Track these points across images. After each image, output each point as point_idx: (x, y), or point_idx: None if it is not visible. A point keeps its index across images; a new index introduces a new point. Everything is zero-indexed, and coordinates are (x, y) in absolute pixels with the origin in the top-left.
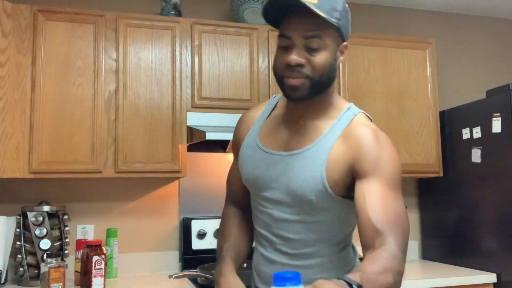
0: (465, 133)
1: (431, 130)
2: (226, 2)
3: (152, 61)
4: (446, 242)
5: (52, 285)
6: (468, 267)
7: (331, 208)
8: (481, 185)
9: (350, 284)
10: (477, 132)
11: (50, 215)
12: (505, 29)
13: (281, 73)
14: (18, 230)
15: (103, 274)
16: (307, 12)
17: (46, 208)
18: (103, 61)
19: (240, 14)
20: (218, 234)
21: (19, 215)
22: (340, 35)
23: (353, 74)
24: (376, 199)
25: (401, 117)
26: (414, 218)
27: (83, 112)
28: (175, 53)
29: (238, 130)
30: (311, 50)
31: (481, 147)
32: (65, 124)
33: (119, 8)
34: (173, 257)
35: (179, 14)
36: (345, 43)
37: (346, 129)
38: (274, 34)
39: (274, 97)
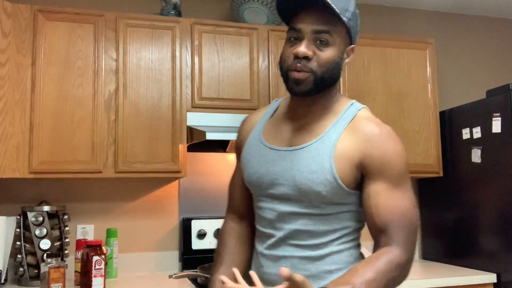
0: (465, 133)
1: (431, 130)
2: (226, 2)
3: (152, 61)
4: (446, 242)
5: (52, 285)
6: (468, 267)
7: (342, 200)
8: (481, 185)
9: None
10: (477, 132)
11: (50, 215)
12: (505, 29)
13: (287, 65)
14: (18, 230)
15: (103, 274)
16: (320, 7)
17: (46, 208)
18: (103, 61)
19: (240, 14)
20: (215, 250)
21: (19, 215)
22: (349, 36)
23: (353, 74)
24: (382, 200)
25: (401, 117)
26: None
27: (83, 112)
28: (175, 53)
29: (239, 134)
30: (319, 45)
31: (481, 147)
32: (65, 124)
33: (119, 8)
34: (173, 257)
35: (179, 14)
36: (352, 45)
37: (351, 123)
38: (274, 34)
39: (276, 100)
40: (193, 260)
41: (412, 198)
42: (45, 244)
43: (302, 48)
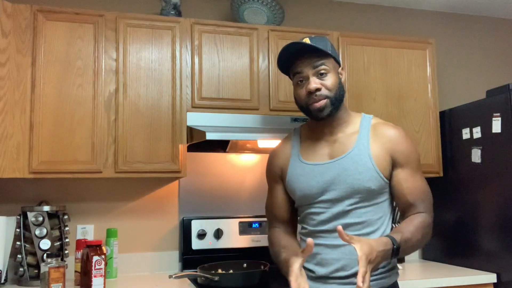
0: (465, 133)
1: (431, 130)
2: (226, 2)
3: (152, 61)
4: (446, 242)
5: (52, 285)
6: (468, 267)
7: (384, 191)
8: (481, 185)
9: (393, 240)
10: (477, 132)
11: (50, 215)
12: (505, 29)
13: (305, 102)
14: (18, 230)
15: (103, 274)
16: (309, 51)
17: (46, 208)
18: (103, 61)
19: (240, 14)
20: (272, 253)
21: (19, 215)
22: (336, 62)
23: (353, 74)
24: (409, 182)
25: (401, 117)
26: None
27: (83, 112)
28: (175, 53)
29: (273, 164)
30: (321, 76)
31: (481, 147)
32: (65, 124)
33: (119, 8)
34: (173, 257)
35: (179, 14)
36: (341, 67)
37: (372, 130)
38: (274, 34)
39: (294, 129)
40: (193, 260)
41: (425, 179)
42: (45, 244)
43: (312, 84)
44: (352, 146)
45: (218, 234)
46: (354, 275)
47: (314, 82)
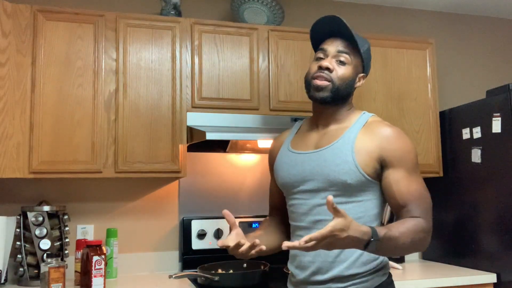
0: (465, 133)
1: (431, 130)
2: (226, 2)
3: (152, 61)
4: (446, 242)
5: (52, 285)
6: (468, 267)
7: (365, 189)
8: (481, 185)
9: (374, 233)
10: (477, 132)
11: (50, 215)
12: (505, 29)
13: (311, 76)
14: (18, 230)
15: (103, 274)
16: (344, 36)
17: (46, 208)
18: (103, 61)
19: (240, 14)
20: (262, 226)
21: (19, 215)
22: (362, 65)
23: None
24: (401, 183)
25: (401, 117)
26: None
27: (83, 112)
28: (175, 53)
29: (271, 151)
30: (339, 62)
31: (481, 147)
32: (65, 124)
33: (119, 8)
34: (173, 257)
35: (179, 14)
36: (363, 74)
37: (365, 126)
38: (274, 34)
39: (299, 122)
40: (193, 260)
41: (424, 183)
42: (45, 244)
43: (326, 62)
44: (338, 138)
45: (218, 234)
46: (332, 280)
47: (329, 62)
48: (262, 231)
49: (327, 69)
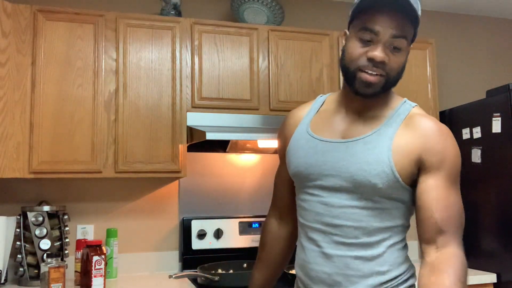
0: (465, 133)
1: None
2: (226, 2)
3: (152, 61)
4: None
5: (52, 285)
6: (468, 267)
7: (397, 195)
8: (481, 185)
9: None
10: (477, 132)
11: (50, 215)
12: (505, 29)
13: (358, 65)
14: (18, 230)
15: (103, 274)
16: (400, 10)
17: (46, 208)
18: (103, 61)
19: (240, 14)
20: (259, 244)
21: (19, 215)
22: (412, 38)
23: None
24: (441, 196)
25: None
26: (414, 218)
27: (83, 112)
28: (175, 53)
29: (284, 129)
30: (394, 50)
31: (481, 147)
32: (65, 124)
33: (119, 8)
34: (173, 257)
35: (179, 14)
36: (411, 45)
37: (406, 119)
38: (274, 34)
39: (321, 96)
40: (193, 260)
41: (461, 200)
42: (45, 244)
43: (381, 53)
44: (372, 129)
45: (218, 234)
46: None
47: (383, 52)
48: (265, 272)
49: (381, 62)
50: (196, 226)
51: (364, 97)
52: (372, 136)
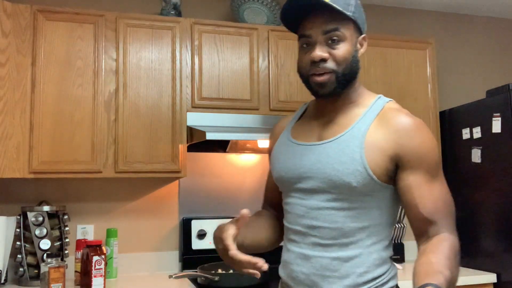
0: (465, 133)
1: (431, 130)
2: (226, 2)
3: (152, 61)
4: None
5: (52, 285)
6: (468, 267)
7: (373, 194)
8: (481, 185)
9: None
10: (477, 132)
11: (50, 215)
12: (505, 29)
13: (307, 72)
14: (18, 230)
15: (103, 274)
16: (323, 9)
17: (46, 208)
18: (103, 61)
19: (240, 14)
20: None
21: (19, 215)
22: (357, 28)
23: None
24: (424, 191)
25: None
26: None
27: (83, 112)
28: (175, 53)
29: (270, 138)
30: (332, 44)
31: (481, 147)
32: (65, 124)
33: (119, 8)
34: (173, 257)
35: (179, 14)
36: (363, 35)
37: (380, 115)
38: (274, 34)
39: (305, 104)
40: (193, 260)
41: (447, 186)
42: (45, 244)
43: (317, 52)
44: (345, 129)
45: None
46: None
47: (320, 50)
48: (254, 221)
49: (322, 60)
50: (196, 226)
51: (325, 98)
52: (345, 135)
